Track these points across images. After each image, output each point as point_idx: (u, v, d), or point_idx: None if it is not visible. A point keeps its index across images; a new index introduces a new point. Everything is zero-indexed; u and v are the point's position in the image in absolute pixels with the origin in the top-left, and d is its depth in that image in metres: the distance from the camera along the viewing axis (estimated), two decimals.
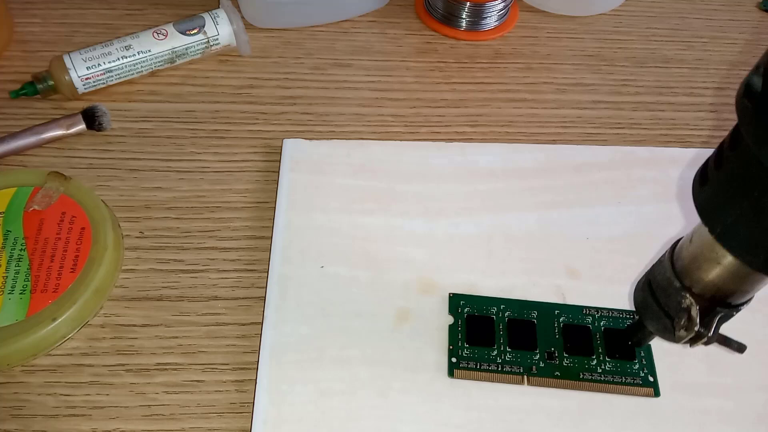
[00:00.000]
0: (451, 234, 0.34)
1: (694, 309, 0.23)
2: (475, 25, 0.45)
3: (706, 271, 0.22)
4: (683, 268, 0.23)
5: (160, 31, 0.40)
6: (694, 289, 0.23)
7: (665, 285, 0.24)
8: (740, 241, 0.19)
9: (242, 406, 0.28)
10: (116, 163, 0.37)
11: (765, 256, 0.19)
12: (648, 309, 0.25)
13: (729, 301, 0.23)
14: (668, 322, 0.24)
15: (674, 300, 0.23)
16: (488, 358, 0.29)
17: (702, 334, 0.23)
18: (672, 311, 0.24)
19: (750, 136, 0.17)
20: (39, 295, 0.29)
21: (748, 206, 0.18)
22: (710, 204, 0.20)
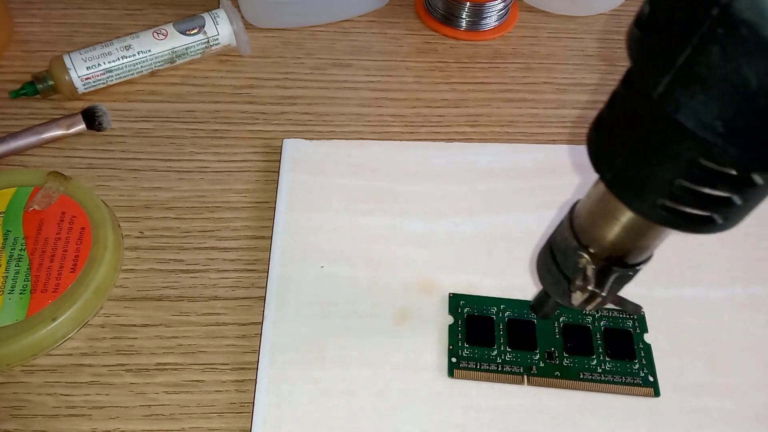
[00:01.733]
0: (451, 234, 0.34)
1: (590, 268, 0.22)
2: (475, 25, 0.44)
3: (601, 227, 0.21)
4: (580, 227, 0.22)
5: (160, 31, 0.40)
6: (592, 248, 0.22)
7: (564, 246, 0.23)
8: (629, 186, 0.18)
9: (242, 406, 0.28)
10: (116, 163, 0.37)
11: (653, 202, 0.18)
12: (548, 273, 0.25)
13: (626, 260, 0.22)
14: (565, 284, 0.24)
15: (571, 260, 0.23)
16: (488, 358, 0.29)
17: (596, 294, 0.22)
18: (569, 273, 0.23)
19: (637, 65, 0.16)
20: (39, 295, 0.29)
21: (636, 145, 0.17)
22: (600, 148, 0.19)
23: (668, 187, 0.17)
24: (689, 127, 0.15)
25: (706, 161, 0.16)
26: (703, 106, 0.14)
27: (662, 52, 0.15)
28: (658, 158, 0.17)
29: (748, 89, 0.13)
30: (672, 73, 0.15)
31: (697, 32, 0.14)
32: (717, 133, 0.15)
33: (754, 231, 0.34)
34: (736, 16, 0.13)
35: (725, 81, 0.14)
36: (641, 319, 0.30)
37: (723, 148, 0.15)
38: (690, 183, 0.17)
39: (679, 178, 0.17)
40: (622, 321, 0.30)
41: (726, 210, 0.17)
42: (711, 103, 0.14)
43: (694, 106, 0.15)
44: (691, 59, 0.14)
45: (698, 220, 0.18)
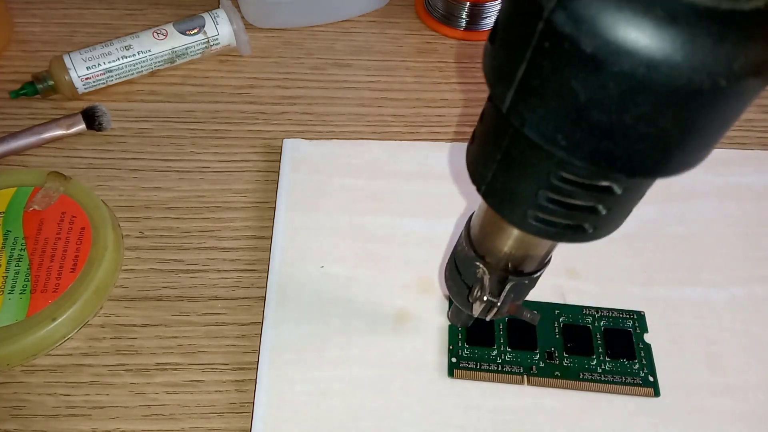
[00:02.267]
0: (451, 234, 0.34)
1: (486, 278, 0.22)
2: (475, 25, 0.45)
3: (491, 237, 0.21)
4: (475, 237, 0.23)
5: (160, 31, 0.40)
6: (488, 258, 0.22)
7: (463, 256, 0.24)
8: (500, 198, 0.18)
9: (242, 406, 0.28)
10: (116, 163, 0.37)
11: (524, 213, 0.18)
12: (453, 282, 0.25)
13: (521, 269, 0.22)
14: (467, 293, 0.24)
15: (471, 271, 0.23)
16: (488, 358, 0.29)
17: (492, 304, 0.23)
18: (469, 282, 0.24)
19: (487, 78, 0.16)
20: (39, 295, 0.29)
21: (501, 158, 0.17)
22: (474, 161, 0.19)
23: (534, 198, 0.17)
24: (535, 141, 0.15)
25: (562, 172, 0.16)
26: (544, 120, 0.14)
27: (504, 66, 0.15)
28: (519, 171, 0.17)
29: (579, 102, 0.13)
30: (514, 87, 0.15)
31: (529, 46, 0.14)
32: (560, 146, 0.14)
33: (753, 231, 0.34)
34: (558, 30, 0.13)
35: (559, 94, 0.14)
36: (641, 319, 0.30)
37: (569, 161, 0.15)
38: (553, 194, 0.17)
39: (542, 189, 0.17)
40: (622, 321, 0.30)
41: (594, 219, 0.17)
42: (550, 116, 0.14)
43: (537, 120, 0.15)
44: (528, 73, 0.14)
45: (568, 229, 0.18)
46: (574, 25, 0.13)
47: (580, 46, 0.13)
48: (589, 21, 0.12)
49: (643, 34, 0.12)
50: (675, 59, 0.12)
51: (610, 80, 0.13)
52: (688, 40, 0.12)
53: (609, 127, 0.14)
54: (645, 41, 0.12)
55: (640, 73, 0.12)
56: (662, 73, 0.12)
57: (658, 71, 0.12)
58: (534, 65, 0.14)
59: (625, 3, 0.12)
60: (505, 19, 0.15)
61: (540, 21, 0.13)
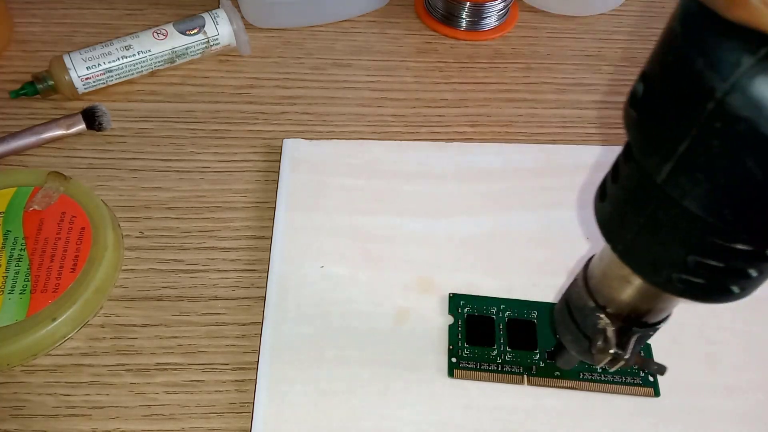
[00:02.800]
0: (451, 234, 0.34)
1: (610, 330, 0.22)
2: (475, 25, 0.45)
3: (617, 289, 0.21)
4: (596, 287, 0.22)
5: (160, 31, 0.40)
6: (609, 308, 0.22)
7: (581, 305, 0.23)
8: (642, 259, 0.18)
9: (242, 406, 0.28)
10: (116, 163, 0.37)
11: (668, 275, 0.17)
12: (566, 330, 0.24)
13: (645, 320, 0.21)
14: (586, 343, 0.23)
15: (590, 320, 0.22)
16: (488, 358, 0.29)
17: (619, 356, 0.22)
18: (589, 332, 0.23)
19: (637, 149, 0.16)
20: (39, 295, 0.29)
21: (645, 222, 0.17)
22: (609, 220, 0.19)
23: (682, 262, 0.17)
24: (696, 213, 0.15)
25: (718, 240, 0.15)
26: (708, 194, 0.14)
27: (661, 139, 0.14)
28: (669, 236, 0.16)
29: (754, 180, 0.13)
30: (673, 161, 0.14)
31: (694, 124, 0.13)
32: (726, 219, 0.14)
33: None
34: (733, 113, 0.12)
35: (729, 172, 0.13)
36: None
37: (733, 232, 0.15)
38: (704, 258, 0.16)
39: (693, 254, 0.16)
40: None
41: (743, 281, 0.17)
42: (717, 191, 0.14)
43: (700, 194, 0.14)
44: (692, 150, 0.14)
45: (715, 291, 0.17)
46: (753, 109, 0.12)
47: (759, 129, 0.12)
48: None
49: None
50: None
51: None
52: None
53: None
54: None
55: None
56: None
57: None
58: (700, 143, 0.13)
59: None
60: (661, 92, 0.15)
61: (710, 101, 0.13)
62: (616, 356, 0.22)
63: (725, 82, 0.12)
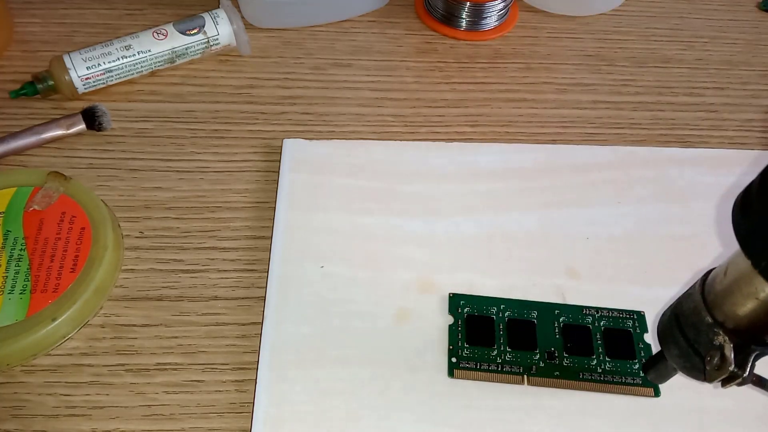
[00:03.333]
0: (451, 234, 0.34)
1: (728, 347, 0.21)
2: (475, 25, 0.45)
3: (743, 306, 0.20)
4: (715, 302, 0.21)
5: (160, 31, 0.40)
6: (728, 324, 0.21)
7: (695, 320, 0.22)
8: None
9: (242, 406, 0.28)
10: (116, 163, 0.37)
11: None
12: (674, 345, 0.23)
13: (766, 338, 0.21)
14: (697, 360, 0.22)
15: (705, 336, 0.21)
16: (488, 358, 0.29)
17: (736, 375, 0.21)
18: (702, 348, 0.22)
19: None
20: (39, 295, 0.29)
21: None
22: (753, 234, 0.18)
23: None
24: None
25: None
26: None
27: None
28: None
29: None
30: None
31: None
32: None
33: None
34: None
35: None
36: (641, 319, 0.30)
37: None
38: None
39: None
40: (622, 321, 0.30)
41: None
42: None
43: None
44: None
45: None
46: None
47: None
48: None
49: None
50: None
51: None
52: None
53: None
54: None
55: None
56: None
57: None
58: None
59: None
60: None
61: None
62: (734, 375, 0.21)
63: None
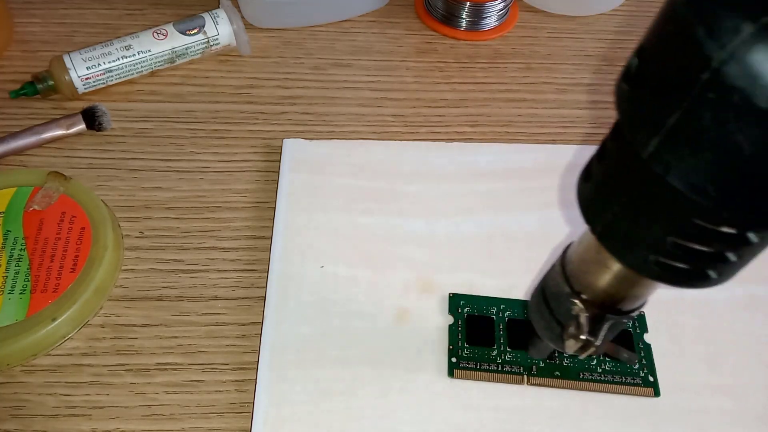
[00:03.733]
0: (451, 234, 0.34)
1: (583, 316, 0.21)
2: (475, 25, 0.44)
3: (594, 274, 0.21)
4: (573, 273, 0.22)
5: (160, 31, 0.40)
6: (585, 294, 0.21)
7: (556, 291, 0.23)
8: (620, 241, 0.18)
9: (242, 406, 0.28)
10: (116, 163, 0.37)
11: (645, 257, 0.17)
12: (540, 317, 0.24)
13: (620, 307, 0.21)
14: (558, 329, 0.23)
15: (564, 307, 0.22)
16: (488, 358, 0.29)
17: (590, 343, 0.22)
18: (563, 318, 0.23)
19: (625, 122, 0.16)
20: (39, 295, 0.29)
21: (627, 201, 0.17)
22: (591, 201, 0.18)
23: (661, 243, 0.16)
24: (680, 189, 0.14)
25: (699, 220, 0.15)
26: (693, 170, 0.14)
27: (651, 112, 0.14)
28: (649, 216, 0.16)
29: (741, 155, 0.13)
30: (661, 135, 0.14)
31: (687, 95, 0.13)
32: (709, 196, 0.14)
33: None
34: (728, 83, 0.12)
35: (717, 146, 0.13)
36: (641, 319, 0.30)
37: (715, 211, 0.14)
38: (683, 240, 0.16)
39: (672, 236, 0.16)
40: None
41: (721, 266, 0.17)
42: (702, 167, 0.14)
43: (685, 169, 0.14)
44: (681, 122, 0.14)
45: (692, 275, 0.17)
46: (748, 79, 0.12)
47: (753, 101, 0.12)
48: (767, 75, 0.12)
49: None
50: None
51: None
52: None
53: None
54: None
55: None
56: None
57: None
58: (691, 115, 0.13)
59: None
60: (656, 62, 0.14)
61: (706, 71, 0.12)
62: (587, 343, 0.22)
63: (723, 51, 0.12)
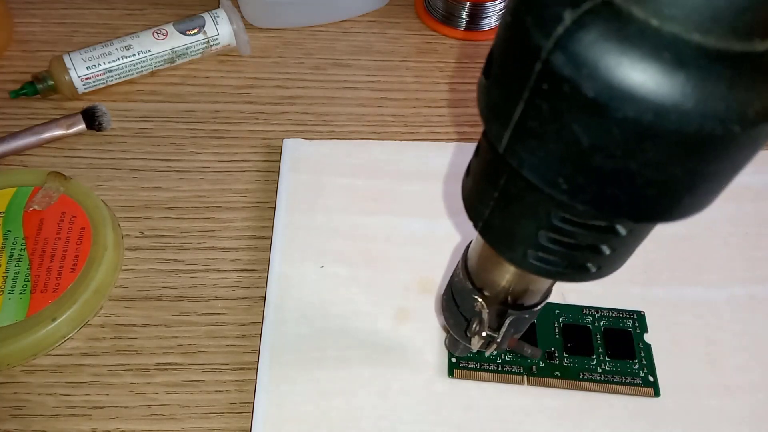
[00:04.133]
0: (451, 234, 0.34)
1: (485, 312, 0.21)
2: (475, 25, 0.44)
3: (491, 271, 0.21)
4: (473, 269, 0.22)
5: (160, 31, 0.40)
6: (486, 291, 0.22)
7: (460, 288, 0.23)
8: (498, 237, 0.17)
9: (242, 406, 0.28)
10: (116, 163, 0.37)
11: (523, 252, 0.17)
12: (450, 313, 0.24)
13: (521, 302, 0.21)
14: (465, 326, 0.23)
15: (468, 303, 0.22)
16: (488, 358, 0.29)
17: (492, 339, 0.22)
18: (468, 315, 0.23)
19: (482, 115, 0.15)
20: (39, 295, 0.29)
21: (498, 196, 0.16)
22: (470, 196, 0.18)
23: (534, 238, 0.16)
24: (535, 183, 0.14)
25: (563, 213, 0.15)
26: (543, 163, 0.14)
27: (500, 104, 0.14)
28: (518, 210, 0.16)
29: (581, 147, 0.13)
30: (510, 128, 0.14)
31: (525, 87, 0.13)
32: (561, 189, 0.14)
33: (753, 231, 0.34)
34: (557, 72, 0.12)
35: (559, 138, 0.13)
36: (641, 319, 0.30)
37: (570, 204, 0.14)
38: (554, 234, 0.16)
39: (543, 230, 0.16)
40: (622, 321, 0.30)
41: (597, 259, 0.16)
42: (549, 160, 0.13)
43: (536, 163, 0.14)
44: (525, 114, 0.13)
45: (570, 269, 0.17)
46: (574, 68, 0.12)
47: (581, 90, 0.12)
48: (591, 64, 0.11)
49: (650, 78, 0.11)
50: (685, 106, 0.11)
51: (614, 126, 0.12)
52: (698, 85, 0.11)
53: (614, 172, 0.13)
54: (651, 86, 0.11)
55: (647, 119, 0.11)
56: (671, 120, 0.11)
57: (667, 118, 0.11)
58: (532, 106, 0.13)
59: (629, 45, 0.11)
60: (501, 54, 0.14)
61: (538, 61, 0.12)
62: (489, 339, 0.22)
63: (549, 40, 0.12)
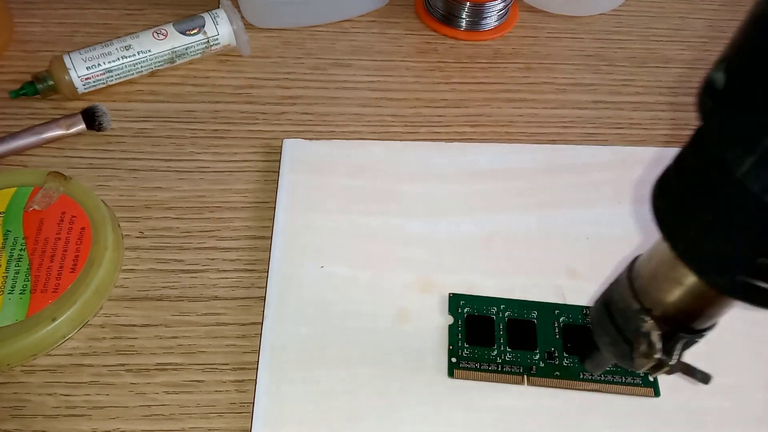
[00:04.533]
0: (451, 234, 0.34)
1: (655, 334, 0.20)
2: (475, 25, 0.44)
3: (668, 292, 0.20)
4: (642, 289, 0.21)
5: (160, 31, 0.40)
6: (655, 311, 0.21)
7: (623, 307, 0.22)
8: (705, 260, 0.17)
9: (242, 406, 0.28)
10: (116, 163, 0.37)
11: (732, 277, 0.16)
12: (605, 333, 0.23)
13: (693, 325, 0.20)
14: (627, 348, 0.22)
15: (633, 324, 0.21)
16: (488, 358, 0.29)
17: (663, 362, 0.21)
18: (630, 336, 0.22)
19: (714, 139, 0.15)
20: (39, 295, 0.29)
21: (713, 219, 0.16)
22: (671, 217, 0.17)
23: (751, 263, 0.16)
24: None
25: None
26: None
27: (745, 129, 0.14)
28: (740, 235, 0.16)
29: None
30: (758, 153, 0.14)
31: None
32: None
33: None
34: None
35: None
36: None
37: None
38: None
39: (763, 257, 0.15)
40: None
41: None
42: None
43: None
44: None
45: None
46: None
47: None
48: None
49: None
50: None
51: None
52: None
53: None
54: None
55: None
56: None
57: None
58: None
59: None
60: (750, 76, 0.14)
61: None
62: (661, 362, 0.21)
63: None
